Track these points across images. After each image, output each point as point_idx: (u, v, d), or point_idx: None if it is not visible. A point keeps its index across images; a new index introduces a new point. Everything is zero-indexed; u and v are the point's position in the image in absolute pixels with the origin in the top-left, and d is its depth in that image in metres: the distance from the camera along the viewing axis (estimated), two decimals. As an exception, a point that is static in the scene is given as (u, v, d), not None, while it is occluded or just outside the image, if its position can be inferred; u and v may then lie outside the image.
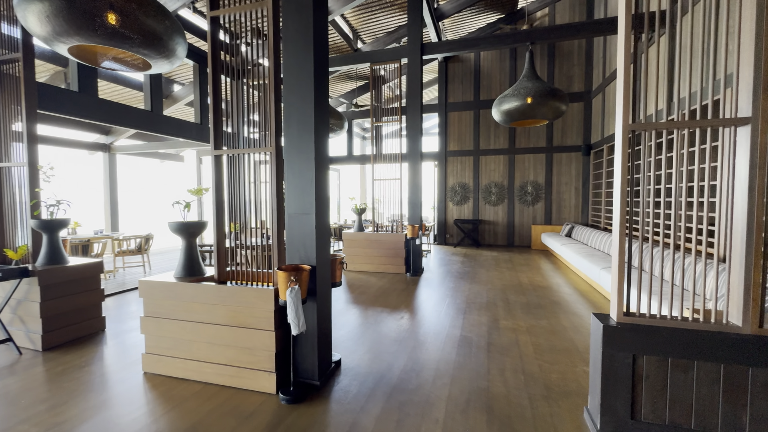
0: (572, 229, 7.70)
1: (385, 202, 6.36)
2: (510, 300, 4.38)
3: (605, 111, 7.50)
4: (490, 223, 9.34)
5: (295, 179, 2.30)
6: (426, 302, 4.30)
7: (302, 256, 2.29)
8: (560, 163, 8.78)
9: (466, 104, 9.33)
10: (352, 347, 2.98)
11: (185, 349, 2.40)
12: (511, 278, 5.58)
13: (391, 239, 5.95)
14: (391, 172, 6.32)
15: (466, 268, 6.36)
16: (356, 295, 4.62)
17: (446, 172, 9.62)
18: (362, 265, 6.12)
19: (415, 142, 6.11)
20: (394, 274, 5.85)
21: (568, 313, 3.86)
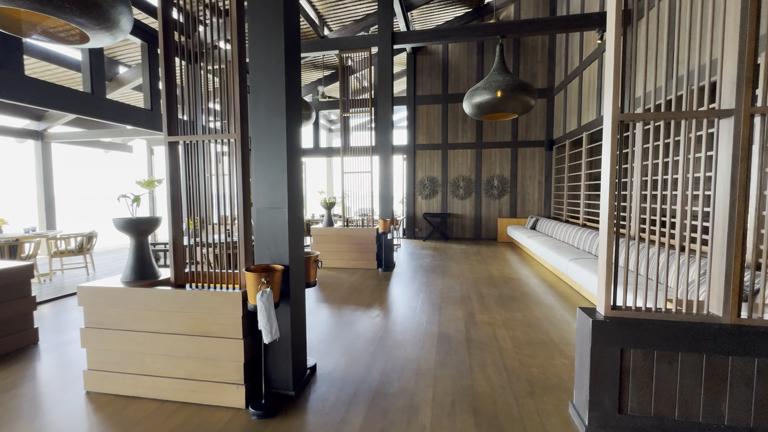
0: (537, 221, 7.95)
1: (355, 196, 6.17)
2: (483, 293, 4.39)
3: (567, 108, 7.76)
4: (458, 217, 9.44)
5: (264, 170, 2.06)
6: (400, 298, 4.20)
7: (273, 255, 2.07)
8: (524, 157, 9.02)
9: (435, 97, 9.30)
10: (327, 350, 2.80)
11: (137, 363, 2.11)
12: (482, 271, 5.63)
13: (362, 234, 5.78)
14: (361, 165, 6.13)
15: (437, 262, 6.35)
16: (328, 293, 4.42)
17: (415, 165, 9.57)
18: (332, 261, 5.91)
19: (386, 135, 5.95)
20: (366, 270, 5.70)
21: (539, 305, 3.92)
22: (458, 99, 9.16)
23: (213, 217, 2.20)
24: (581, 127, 6.83)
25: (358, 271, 5.61)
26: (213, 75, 2.14)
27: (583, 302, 4.00)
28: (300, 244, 2.23)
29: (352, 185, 6.17)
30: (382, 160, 5.99)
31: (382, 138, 5.97)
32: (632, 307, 1.80)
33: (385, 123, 5.96)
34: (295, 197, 2.14)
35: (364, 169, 6.04)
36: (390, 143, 5.96)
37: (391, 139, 6.00)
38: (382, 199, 5.99)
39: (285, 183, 2.04)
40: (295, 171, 2.14)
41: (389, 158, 5.96)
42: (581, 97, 6.91)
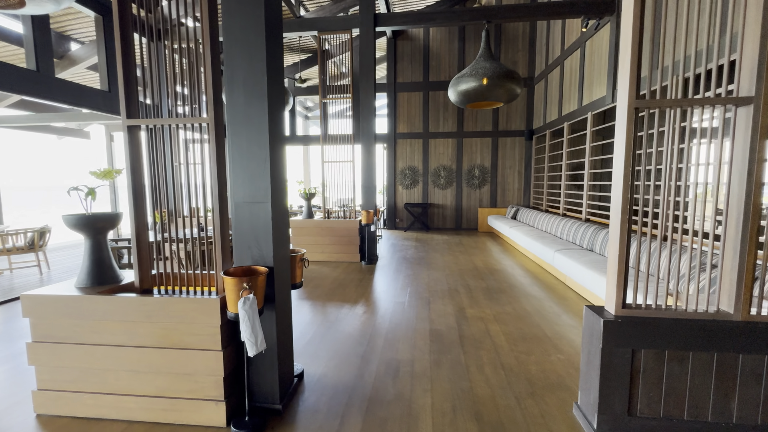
0: (517, 211, 7.99)
1: (336, 186, 5.92)
2: (470, 286, 4.31)
3: (548, 98, 7.77)
4: (439, 207, 9.37)
5: (243, 159, 1.81)
6: (387, 293, 4.05)
7: (255, 256, 1.84)
8: (505, 147, 9.02)
9: (416, 85, 9.09)
10: (315, 353, 2.61)
11: (97, 381, 1.84)
12: (466, 262, 5.57)
13: (344, 226, 5.57)
14: (342, 155, 5.87)
15: (421, 254, 6.25)
16: (311, 289, 4.21)
17: (396, 154, 9.38)
18: (314, 254, 5.67)
19: (369, 122, 5.71)
20: (349, 263, 5.51)
21: (527, 297, 3.88)
22: (440, 87, 8.99)
23: (183, 209, 1.93)
24: (562, 117, 6.84)
25: (340, 265, 5.41)
26: (180, 55, 1.84)
27: (569, 294, 4.00)
28: (285, 242, 2.00)
29: (332, 175, 5.91)
30: (364, 148, 5.75)
31: (364, 125, 5.72)
32: (643, 305, 1.71)
33: (367, 110, 5.71)
34: (278, 190, 1.91)
35: (346, 159, 5.79)
36: (373, 131, 5.72)
37: (374, 126, 5.76)
38: (365, 189, 5.77)
39: (267, 174, 1.80)
40: (278, 160, 1.90)
41: (372, 147, 5.73)
42: (562, 86, 6.91)
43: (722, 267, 1.68)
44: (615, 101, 4.97)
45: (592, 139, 5.61)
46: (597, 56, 5.54)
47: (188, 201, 1.90)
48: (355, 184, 5.87)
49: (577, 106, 6.23)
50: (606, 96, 5.20)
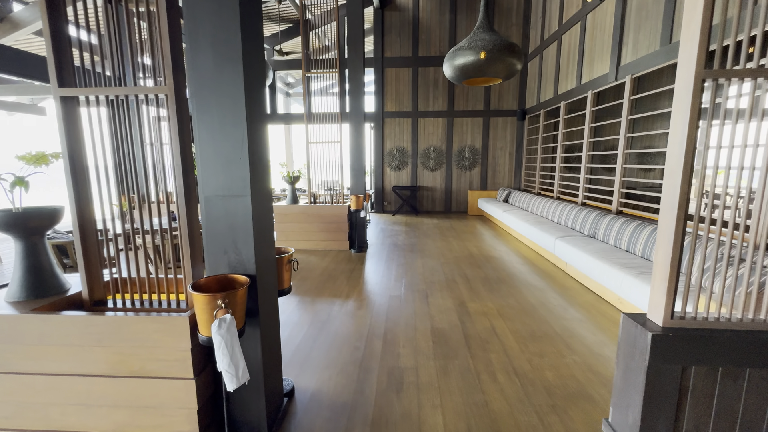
0: (509, 194, 7.80)
1: (322, 169, 5.51)
2: (468, 275, 4.08)
3: (543, 75, 7.45)
4: (428, 189, 9.08)
5: (214, 141, 1.43)
6: (381, 285, 3.77)
7: (233, 262, 1.50)
8: (496, 127, 8.73)
9: (405, 60, 8.58)
10: (305, 361, 2.32)
11: (39, 417, 1.49)
12: (461, 249, 5.34)
13: (332, 212, 5.21)
14: (328, 134, 5.43)
15: (412, 239, 5.98)
16: (298, 282, 3.88)
17: (383, 135, 8.95)
18: (299, 242, 5.32)
19: (357, 99, 5.27)
20: (338, 251, 5.19)
21: (529, 287, 3.68)
22: (430, 62, 8.52)
23: (146, 197, 1.55)
24: (558, 96, 6.56)
25: (329, 254, 5.09)
26: (127, 6, 1.41)
27: (570, 283, 3.83)
28: (270, 242, 1.66)
29: (318, 157, 5.49)
30: (353, 128, 5.33)
31: (353, 102, 5.28)
32: (695, 316, 1.48)
33: (356, 85, 5.26)
34: (260, 179, 1.54)
35: (332, 139, 5.36)
36: (362, 109, 5.30)
37: (363, 104, 5.33)
38: (354, 172, 5.40)
39: (246, 159, 1.43)
40: (259, 142, 1.53)
41: (361, 126, 5.32)
42: (559, 63, 6.60)
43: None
44: (618, 78, 4.70)
45: (592, 120, 5.36)
46: (599, 30, 5.22)
47: (146, 189, 1.51)
48: (343, 166, 5.47)
49: (575, 84, 5.95)
50: (609, 74, 4.92)
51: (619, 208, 4.58)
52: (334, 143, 5.32)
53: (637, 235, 3.41)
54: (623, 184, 4.58)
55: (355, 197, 5.03)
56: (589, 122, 5.35)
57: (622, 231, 3.65)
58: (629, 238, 3.51)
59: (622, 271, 2.94)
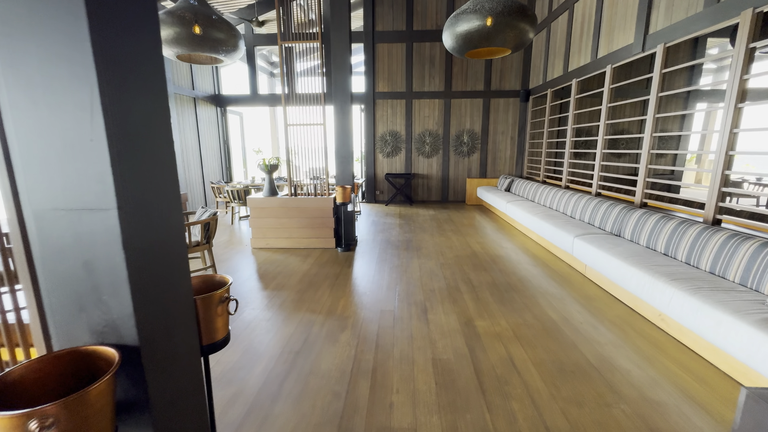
0: (512, 183, 7.19)
1: (304, 155, 4.82)
2: (473, 281, 3.49)
3: (550, 51, 6.75)
4: (423, 177, 8.43)
5: (37, 108, 0.76)
6: (370, 295, 3.16)
7: (95, 324, 0.85)
8: (497, 110, 8.04)
9: (398, 35, 7.78)
10: (265, 418, 1.71)
11: None
12: (461, 246, 4.75)
13: (315, 205, 4.55)
14: (310, 116, 4.71)
15: (407, 234, 5.37)
16: (272, 291, 3.25)
17: (375, 117, 8.21)
18: (278, 240, 4.67)
19: (343, 77, 4.54)
20: (322, 250, 4.56)
21: (546, 297, 3.11)
22: (425, 37, 7.73)
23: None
24: (569, 73, 5.89)
25: (312, 253, 4.45)
26: None
27: (592, 289, 3.26)
28: (179, 278, 1.01)
29: (299, 141, 4.78)
30: (338, 109, 4.63)
31: (337, 81, 4.56)
32: None
33: (341, 61, 4.52)
34: (150, 177, 0.88)
35: (315, 121, 4.65)
36: (348, 88, 4.58)
37: (350, 82, 4.61)
38: (339, 159, 4.72)
39: (103, 141, 0.76)
40: (143, 111, 0.86)
41: (347, 108, 4.61)
42: (570, 36, 5.90)
43: None
44: (646, 49, 4.05)
45: (611, 98, 4.72)
46: (622, -6, 4.52)
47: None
48: (328, 152, 4.78)
49: (590, 59, 5.27)
50: (633, 44, 4.26)
51: (643, 200, 4.00)
52: (317, 126, 4.62)
53: (679, 237, 2.83)
54: (649, 173, 3.98)
55: (341, 188, 4.37)
56: (607, 101, 4.71)
57: (658, 230, 3.06)
58: (668, 240, 2.93)
59: (670, 284, 2.36)
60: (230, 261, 4.12)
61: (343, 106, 4.60)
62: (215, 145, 8.15)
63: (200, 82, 7.54)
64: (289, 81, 4.61)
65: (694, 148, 7.37)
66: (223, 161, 8.54)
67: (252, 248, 4.66)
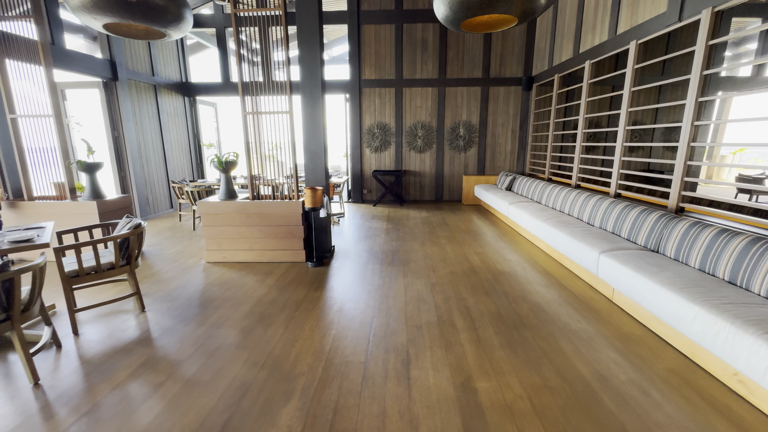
0: (513, 181, 6.42)
1: (268, 151, 4.00)
2: (472, 311, 2.73)
3: (557, 32, 5.96)
4: (415, 174, 7.65)
5: None
6: (339, 335, 2.39)
7: None
8: (497, 99, 7.25)
9: (386, 15, 6.94)
10: None
11: None
12: (457, 258, 3.98)
13: (281, 211, 3.75)
14: (275, 104, 3.89)
15: (394, 242, 4.59)
16: (207, 331, 2.46)
17: (361, 108, 7.39)
18: (236, 252, 3.87)
19: (311, 59, 3.73)
20: (289, 266, 3.77)
21: (570, 336, 2.35)
22: (417, 17, 6.91)
23: None
24: (580, 55, 5.11)
25: (276, 269, 3.66)
26: None
27: (627, 324, 2.51)
28: None
29: (263, 133, 3.97)
30: (306, 99, 3.81)
31: (305, 59, 3.74)
32: None
33: (308, 36, 3.70)
34: None
35: (279, 109, 3.83)
36: (318, 75, 3.75)
37: (319, 61, 3.79)
38: (308, 156, 3.91)
39: None
40: None
41: (317, 97, 3.79)
42: (583, 12, 5.11)
43: None
44: (685, 17, 3.27)
45: (635, 81, 3.95)
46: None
47: None
48: (297, 146, 3.97)
49: (608, 36, 4.49)
50: (666, 13, 3.48)
51: (679, 205, 3.25)
52: (282, 114, 3.80)
53: (755, 261, 2.07)
54: (687, 170, 3.23)
55: (310, 191, 3.57)
56: (630, 84, 3.94)
57: (719, 250, 2.30)
58: (736, 264, 2.17)
59: (757, 336, 1.60)
60: (171, 283, 3.32)
61: (312, 96, 3.78)
62: (183, 140, 7.30)
63: (163, 67, 6.67)
64: (248, 60, 3.78)
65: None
66: (194, 157, 7.68)
67: (205, 263, 3.86)
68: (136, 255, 2.74)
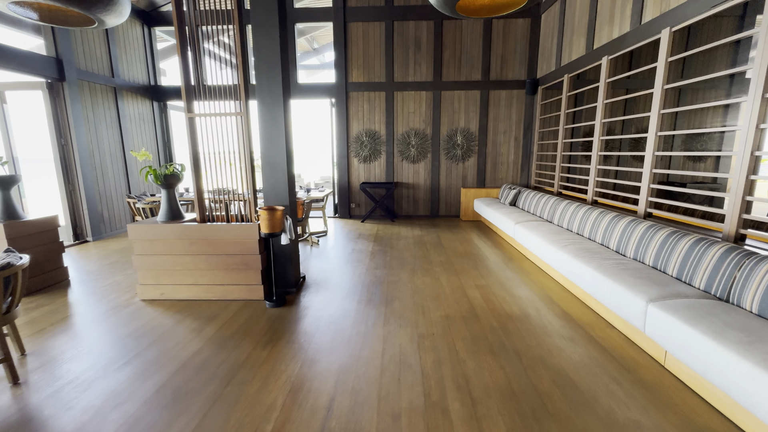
0: (518, 195, 5.69)
1: (219, 162, 3.26)
2: (472, 383, 1.95)
3: (566, 28, 5.29)
4: (408, 187, 6.91)
5: None
6: (281, 429, 1.61)
7: None
8: (498, 104, 6.57)
9: (375, 11, 6.29)
10: None
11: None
12: (454, 294, 3.22)
13: (233, 236, 2.99)
14: (231, 107, 3.17)
15: (378, 271, 3.83)
16: (99, 412, 1.68)
17: (348, 114, 6.69)
18: (177, 288, 3.09)
19: (270, 44, 3.01)
20: (242, 305, 2.99)
21: None
22: (409, 14, 6.26)
23: None
24: (595, 51, 4.43)
25: (223, 311, 2.88)
26: None
27: (694, 405, 1.73)
28: None
29: (216, 141, 3.23)
30: (263, 97, 3.09)
31: (262, 53, 3.02)
32: None
33: (265, 30, 2.98)
34: None
35: (231, 109, 3.10)
36: (277, 65, 3.03)
37: (279, 56, 3.08)
38: (267, 169, 3.16)
39: None
40: None
41: (277, 93, 3.06)
42: (597, 2, 4.44)
43: None
44: (741, -6, 2.57)
45: (668, 77, 3.25)
46: None
47: None
48: (258, 156, 3.23)
49: (630, 27, 3.81)
50: None
51: (739, 231, 2.51)
52: (234, 116, 3.07)
53: None
54: (750, 187, 2.50)
55: (266, 212, 2.81)
56: (663, 80, 3.23)
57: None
58: None
59: None
60: (79, 334, 2.54)
61: (270, 86, 3.06)
62: (151, 148, 6.57)
63: (126, 68, 5.97)
64: (197, 59, 3.07)
65: None
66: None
67: (140, 300, 3.08)
68: (14, 302, 1.98)
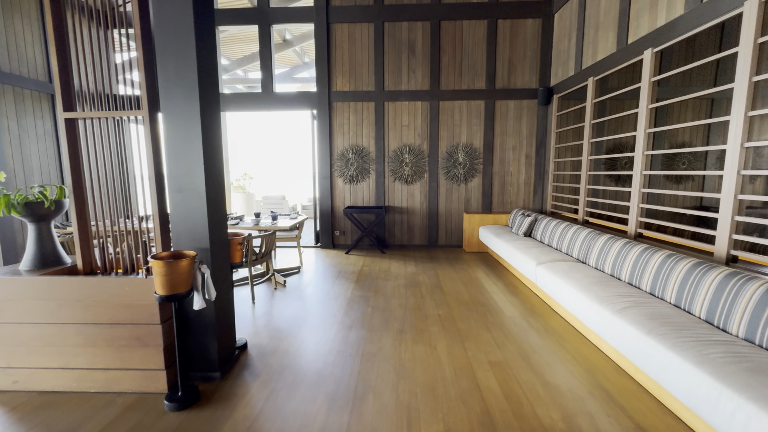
0: (535, 223, 4.68)
1: (109, 185, 2.28)
2: None
3: (586, 25, 4.44)
4: (402, 212, 5.92)
5: None
6: None
7: None
8: (505, 116, 5.67)
9: (363, 11, 5.48)
10: None
11: None
12: (457, 379, 2.16)
13: (120, 297, 1.96)
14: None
15: (353, 333, 2.77)
16: None
17: (331, 127, 5.79)
18: (38, 374, 2.03)
19: (180, 52, 2.07)
20: (132, 403, 1.92)
21: None
22: (402, 14, 5.45)
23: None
24: (631, 45, 3.53)
25: (94, 416, 1.82)
26: None
27: None
28: None
29: (107, 157, 2.27)
30: (170, 119, 2.12)
31: (170, 61, 2.08)
32: None
33: (177, 28, 2.06)
34: None
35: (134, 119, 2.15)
36: (193, 77, 2.09)
37: (193, 62, 2.15)
38: (176, 197, 2.16)
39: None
40: None
41: (192, 95, 2.10)
42: (630, -13, 3.58)
43: None
44: None
45: (758, 68, 2.30)
46: None
47: None
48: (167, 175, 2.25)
49: (684, 9, 2.91)
50: None
51: None
52: (130, 115, 2.10)
53: None
54: None
55: (161, 263, 1.79)
56: (750, 74, 2.28)
57: None
58: None
59: None
60: None
61: (185, 114, 2.10)
62: (102, 167, 5.61)
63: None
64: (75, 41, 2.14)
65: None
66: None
67: (-18, 392, 2.02)
68: None
